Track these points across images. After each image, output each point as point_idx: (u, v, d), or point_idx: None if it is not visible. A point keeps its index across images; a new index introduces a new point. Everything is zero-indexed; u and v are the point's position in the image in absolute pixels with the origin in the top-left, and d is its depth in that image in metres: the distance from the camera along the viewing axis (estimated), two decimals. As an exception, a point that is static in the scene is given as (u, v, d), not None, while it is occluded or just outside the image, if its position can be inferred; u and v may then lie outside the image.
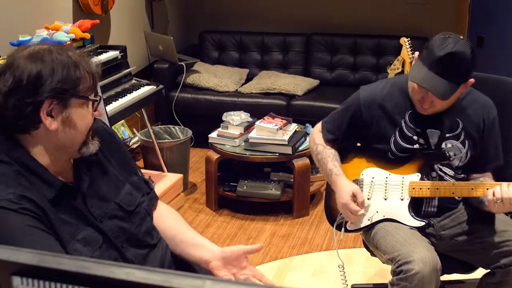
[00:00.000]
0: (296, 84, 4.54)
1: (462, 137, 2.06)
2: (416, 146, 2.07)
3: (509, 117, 2.23)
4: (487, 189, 1.93)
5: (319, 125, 2.26)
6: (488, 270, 2.04)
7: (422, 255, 1.85)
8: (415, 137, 2.07)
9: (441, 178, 2.08)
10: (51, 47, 1.38)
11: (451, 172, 2.09)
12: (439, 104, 1.97)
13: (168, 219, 1.71)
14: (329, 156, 2.15)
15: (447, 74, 1.88)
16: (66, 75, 1.34)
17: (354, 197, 2.04)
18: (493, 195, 1.89)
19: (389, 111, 2.08)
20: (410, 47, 3.72)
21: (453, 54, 1.86)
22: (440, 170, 2.09)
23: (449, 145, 2.06)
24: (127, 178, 1.59)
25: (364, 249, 2.33)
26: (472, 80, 1.97)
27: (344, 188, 2.06)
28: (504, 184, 1.90)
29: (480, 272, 2.09)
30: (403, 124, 2.07)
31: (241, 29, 5.13)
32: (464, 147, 2.06)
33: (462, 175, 2.11)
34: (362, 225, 2.13)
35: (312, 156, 2.26)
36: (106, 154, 1.55)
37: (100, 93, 1.48)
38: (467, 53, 1.89)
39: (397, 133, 2.07)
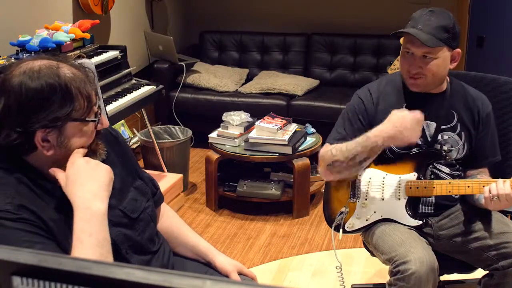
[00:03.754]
0: (296, 84, 4.54)
1: (458, 129, 2.07)
2: None
3: (510, 117, 2.23)
4: (483, 186, 1.94)
5: (324, 147, 2.09)
6: (487, 272, 2.04)
7: (419, 255, 1.85)
8: None
9: (437, 176, 2.09)
10: (42, 65, 1.31)
11: (447, 170, 2.10)
12: (428, 72, 1.95)
13: (169, 218, 1.75)
14: (342, 145, 1.99)
15: (429, 28, 1.91)
16: (58, 102, 1.28)
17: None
18: (489, 192, 1.90)
19: (386, 106, 2.09)
20: (410, 47, 3.72)
21: (432, 11, 1.95)
22: (436, 168, 2.09)
23: (445, 137, 2.07)
24: (132, 183, 1.57)
25: (364, 249, 2.33)
26: (459, 50, 1.99)
27: (393, 118, 1.90)
28: (500, 180, 1.90)
29: (480, 272, 2.09)
30: None
31: (241, 29, 5.14)
32: (461, 139, 2.07)
33: (458, 172, 2.11)
34: (360, 225, 2.13)
35: (332, 168, 2.00)
36: (112, 159, 1.52)
37: (101, 103, 1.44)
38: (446, 12, 1.97)
39: None
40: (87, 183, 1.29)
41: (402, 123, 1.87)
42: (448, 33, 1.93)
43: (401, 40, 3.76)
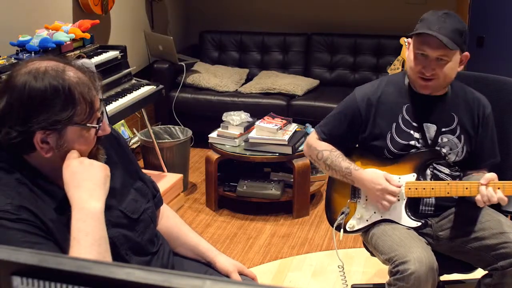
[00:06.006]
0: (296, 84, 4.54)
1: (458, 131, 2.07)
2: (413, 142, 2.07)
3: (510, 117, 2.23)
4: (479, 187, 1.95)
5: (313, 134, 2.23)
6: (486, 272, 2.04)
7: (418, 255, 1.86)
8: (411, 132, 2.07)
9: (436, 177, 2.09)
10: (49, 66, 1.30)
11: (446, 170, 2.10)
12: (441, 75, 1.97)
13: (169, 218, 1.74)
14: (338, 157, 2.12)
15: (446, 30, 1.92)
16: (59, 105, 1.28)
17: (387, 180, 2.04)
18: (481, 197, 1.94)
19: (386, 107, 2.09)
20: (410, 47, 3.72)
21: (448, 13, 1.96)
22: (436, 169, 2.09)
23: (445, 140, 2.07)
24: (132, 184, 1.57)
25: (364, 249, 2.33)
26: (467, 54, 2.01)
27: (374, 175, 2.03)
28: (490, 189, 1.92)
29: (479, 272, 2.09)
30: (400, 118, 2.08)
31: (241, 29, 5.13)
32: (460, 142, 2.07)
33: (458, 173, 2.11)
34: (361, 226, 2.13)
35: (318, 165, 2.20)
36: (113, 159, 1.52)
37: (104, 109, 1.41)
38: (457, 16, 2.00)
39: (393, 130, 2.08)
40: (82, 184, 1.30)
41: (374, 191, 2.03)
42: (462, 36, 1.95)
43: (401, 41, 3.76)
